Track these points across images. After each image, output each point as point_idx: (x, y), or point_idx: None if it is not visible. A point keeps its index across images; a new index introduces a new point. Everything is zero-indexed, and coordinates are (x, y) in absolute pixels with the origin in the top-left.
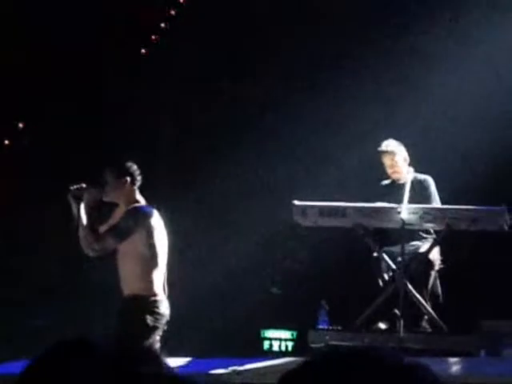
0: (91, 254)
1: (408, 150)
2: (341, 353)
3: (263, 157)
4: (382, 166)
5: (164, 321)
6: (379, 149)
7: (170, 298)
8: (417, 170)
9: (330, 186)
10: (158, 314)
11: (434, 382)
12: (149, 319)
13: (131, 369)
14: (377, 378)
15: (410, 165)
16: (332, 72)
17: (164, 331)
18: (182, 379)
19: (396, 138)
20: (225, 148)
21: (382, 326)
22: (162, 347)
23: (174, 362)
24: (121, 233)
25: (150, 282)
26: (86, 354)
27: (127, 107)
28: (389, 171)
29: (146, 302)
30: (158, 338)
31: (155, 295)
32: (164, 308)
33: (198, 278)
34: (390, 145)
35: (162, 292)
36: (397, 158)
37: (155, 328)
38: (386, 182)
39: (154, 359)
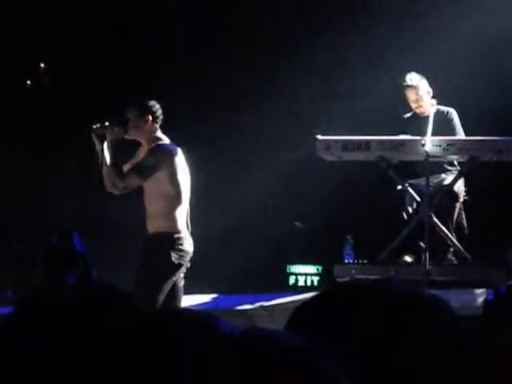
0: (115, 191)
1: (430, 82)
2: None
3: (285, 91)
4: (405, 98)
5: (188, 258)
6: (403, 83)
7: (194, 235)
8: (439, 103)
9: (352, 119)
10: (183, 250)
11: (451, 316)
12: (173, 256)
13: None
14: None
15: (432, 97)
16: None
17: (188, 268)
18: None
19: (417, 70)
20: (245, 84)
21: (408, 258)
22: (186, 284)
23: (200, 298)
24: (144, 171)
25: (174, 220)
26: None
27: (148, 49)
28: (413, 105)
29: (171, 240)
30: (182, 275)
31: (179, 232)
32: (188, 245)
33: (222, 215)
34: (413, 79)
35: (186, 229)
36: (421, 92)
37: (180, 265)
38: (409, 114)
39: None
